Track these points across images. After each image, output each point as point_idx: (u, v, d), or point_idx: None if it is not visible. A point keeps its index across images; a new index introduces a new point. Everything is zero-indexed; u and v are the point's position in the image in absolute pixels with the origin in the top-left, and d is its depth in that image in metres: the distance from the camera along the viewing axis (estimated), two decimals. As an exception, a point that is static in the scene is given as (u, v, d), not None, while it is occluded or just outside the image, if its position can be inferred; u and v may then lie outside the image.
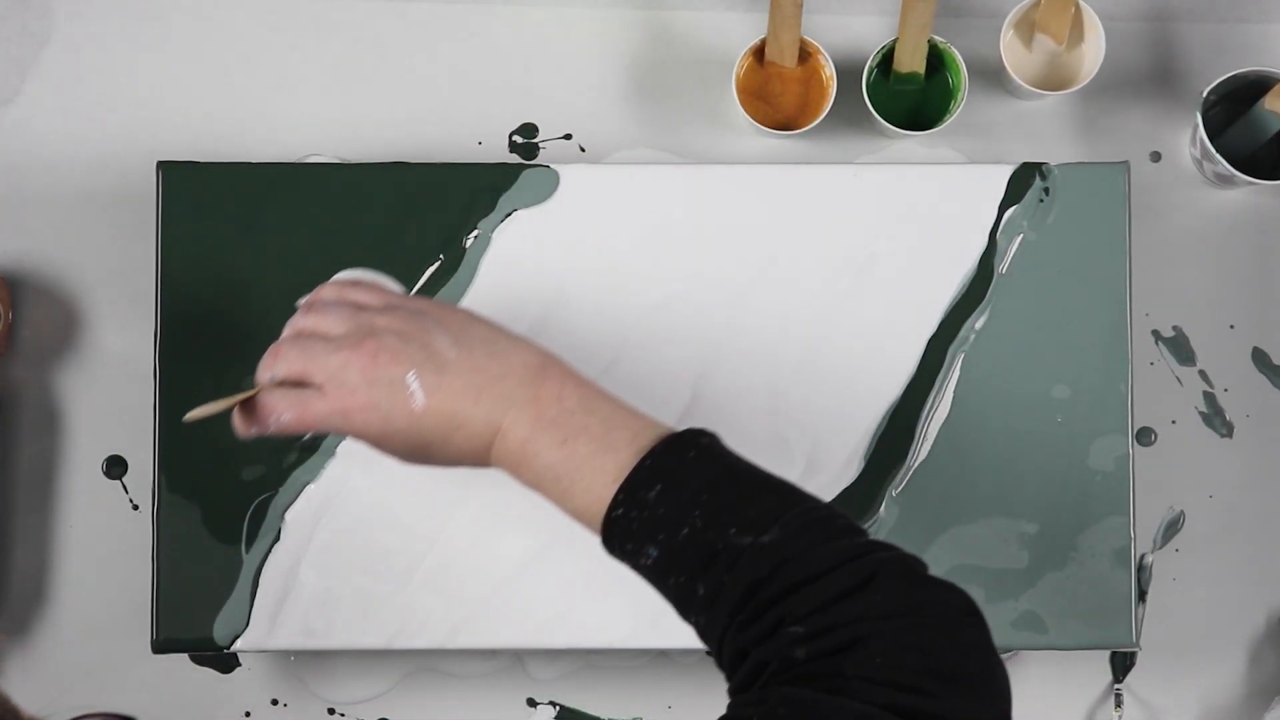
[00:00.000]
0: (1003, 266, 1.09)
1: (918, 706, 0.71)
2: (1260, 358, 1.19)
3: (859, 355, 1.09)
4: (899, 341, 1.09)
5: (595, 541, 0.83)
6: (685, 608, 0.80)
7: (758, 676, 0.75)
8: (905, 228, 1.09)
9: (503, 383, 0.84)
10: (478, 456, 0.84)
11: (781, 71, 1.15)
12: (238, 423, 0.86)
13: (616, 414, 0.84)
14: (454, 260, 1.09)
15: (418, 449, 0.84)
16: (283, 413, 0.83)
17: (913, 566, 0.77)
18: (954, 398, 1.08)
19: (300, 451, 1.08)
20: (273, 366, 0.85)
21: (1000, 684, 0.75)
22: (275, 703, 1.16)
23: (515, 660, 1.17)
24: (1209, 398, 1.18)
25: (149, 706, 1.16)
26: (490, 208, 1.09)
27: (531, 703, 1.17)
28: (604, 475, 0.81)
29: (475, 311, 0.89)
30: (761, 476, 0.82)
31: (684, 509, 0.79)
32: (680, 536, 0.78)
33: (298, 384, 0.84)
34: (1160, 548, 1.17)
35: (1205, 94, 1.13)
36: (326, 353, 0.84)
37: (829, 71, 1.14)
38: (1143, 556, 1.16)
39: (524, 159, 1.18)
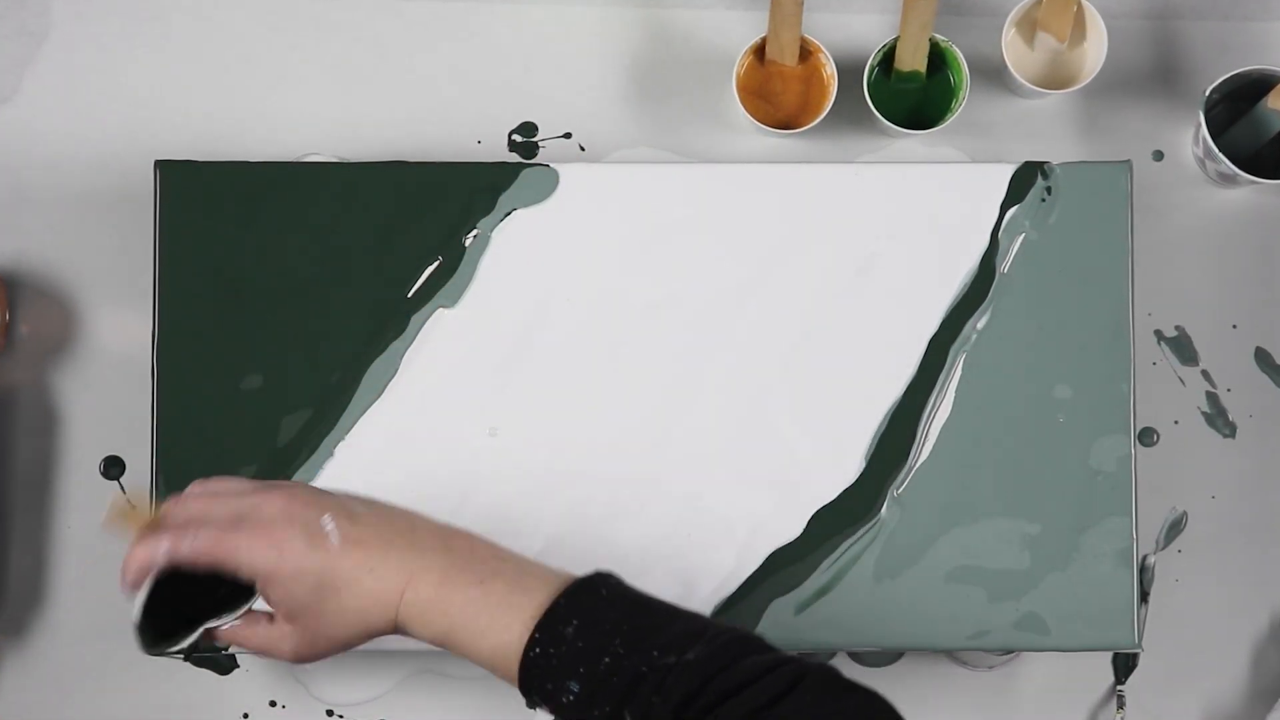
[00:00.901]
0: (1004, 266, 1.09)
1: None
2: (1263, 358, 1.18)
3: (860, 355, 1.08)
4: (900, 341, 1.08)
5: (596, 540, 0.83)
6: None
7: None
8: (906, 227, 1.09)
9: (414, 533, 0.85)
10: (385, 607, 0.84)
11: (782, 70, 1.14)
12: (127, 571, 0.84)
13: (526, 563, 0.85)
14: (453, 259, 1.09)
15: (328, 590, 0.83)
16: (197, 534, 0.83)
17: (834, 674, 0.80)
18: (955, 398, 1.08)
19: (298, 452, 1.08)
20: (177, 515, 0.85)
21: None
22: (274, 704, 1.16)
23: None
24: (1212, 398, 1.18)
25: (146, 708, 1.16)
26: (490, 207, 1.09)
27: (532, 704, 1.17)
28: (520, 613, 0.82)
29: None
30: (671, 607, 0.83)
31: (604, 639, 0.80)
32: (602, 666, 0.79)
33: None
34: (1163, 549, 1.17)
35: (1208, 93, 1.13)
36: (236, 497, 0.85)
37: (830, 70, 1.14)
38: (1145, 557, 1.16)
39: (523, 158, 1.18)
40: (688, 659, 0.78)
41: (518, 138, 1.19)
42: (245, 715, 1.16)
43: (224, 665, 1.16)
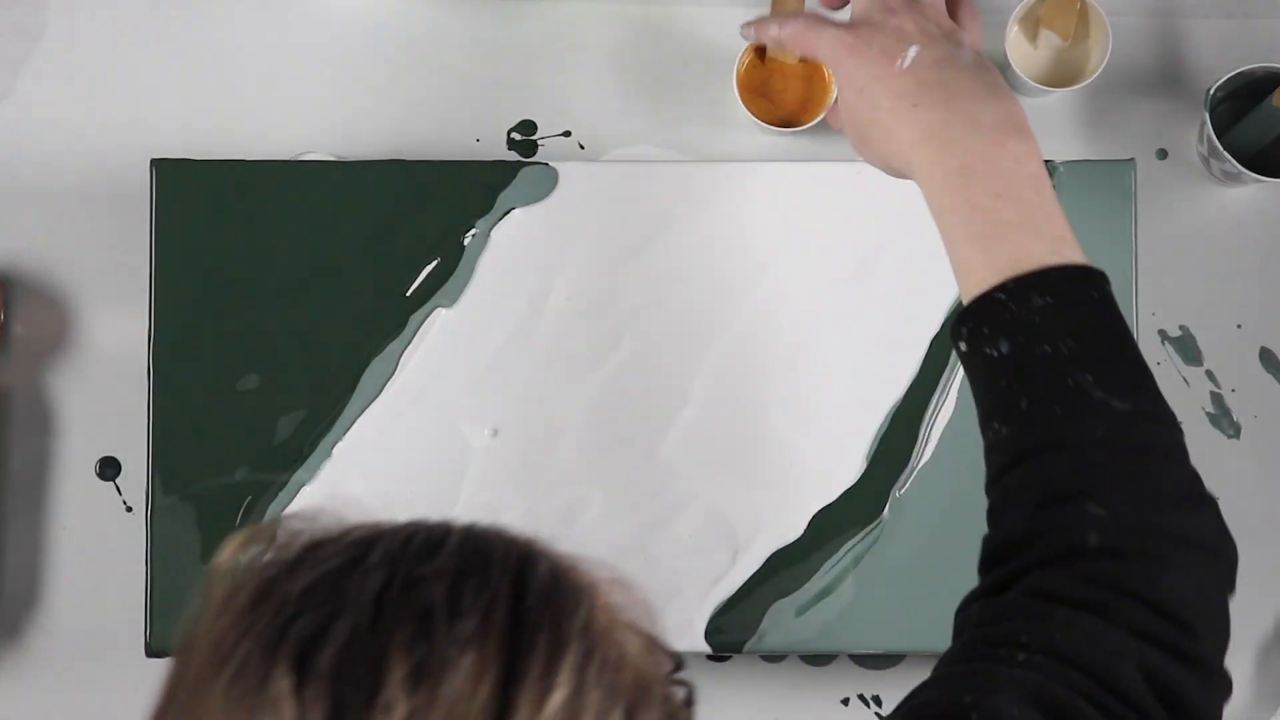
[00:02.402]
0: (1007, 265, 1.08)
1: (1176, 641, 0.71)
2: (1268, 358, 1.18)
3: (861, 354, 1.08)
4: (902, 341, 1.08)
5: (596, 540, 0.82)
6: (994, 413, 0.77)
7: (1030, 544, 0.73)
8: (908, 226, 1.09)
9: (981, 107, 0.81)
10: (905, 151, 0.82)
11: (783, 68, 1.14)
12: (754, 23, 0.93)
13: (1055, 210, 0.80)
14: (452, 258, 1.09)
15: (866, 103, 0.84)
16: (796, 21, 0.89)
17: (1220, 512, 0.77)
18: (958, 398, 1.08)
19: (296, 453, 1.07)
20: None
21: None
22: (271, 707, 1.15)
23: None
24: (1216, 398, 1.18)
25: (142, 711, 1.15)
26: (489, 205, 1.09)
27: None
28: (1009, 253, 0.78)
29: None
30: (1138, 353, 0.79)
31: (1059, 332, 0.75)
32: (1039, 351, 0.75)
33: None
34: (1167, 550, 1.16)
35: (1212, 90, 1.12)
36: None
37: None
38: (1149, 559, 1.15)
39: (523, 156, 1.18)
40: (1113, 405, 0.74)
41: (517, 136, 1.18)
42: (242, 718, 1.16)
43: (220, 668, 1.16)
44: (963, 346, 0.79)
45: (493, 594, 0.54)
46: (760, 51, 1.14)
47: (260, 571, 0.57)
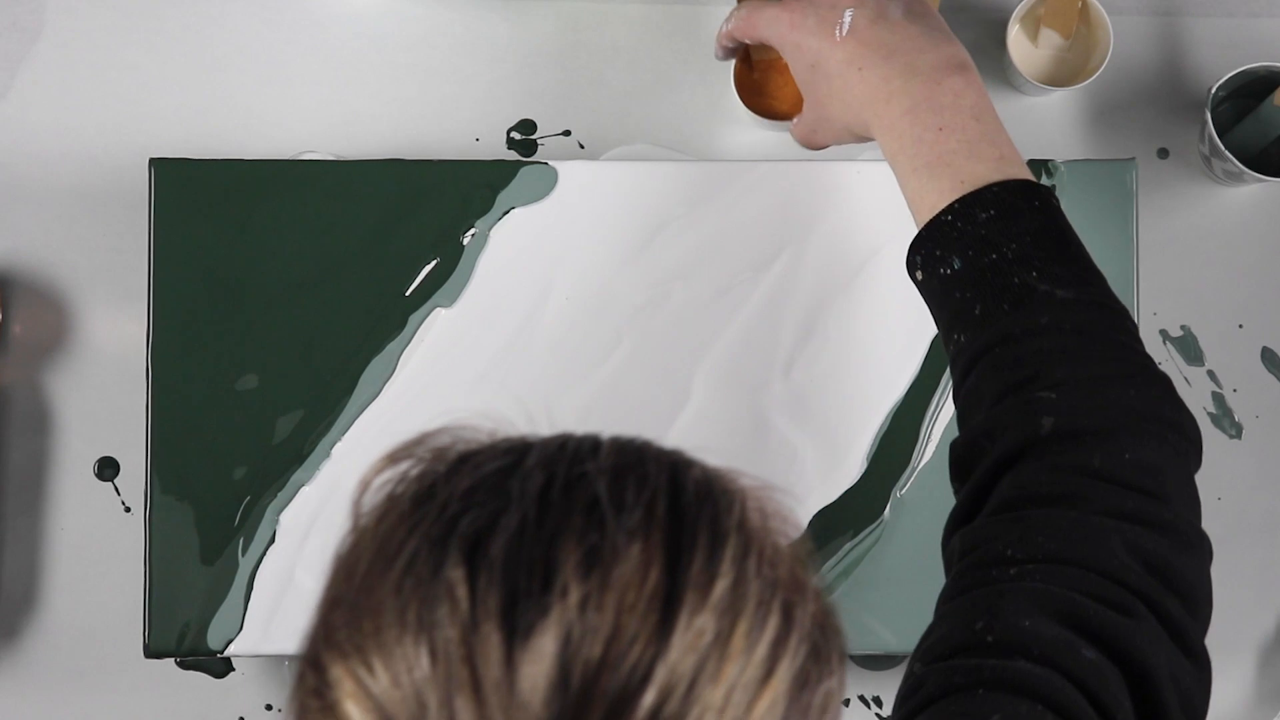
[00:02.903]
0: (1008, 265, 1.08)
1: (1151, 512, 0.74)
2: (1270, 358, 1.18)
3: (862, 354, 1.08)
4: (902, 340, 1.08)
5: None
6: (954, 326, 0.83)
7: (990, 440, 0.78)
8: (909, 226, 1.08)
9: (919, 56, 0.88)
10: (860, 111, 0.90)
11: (776, 63, 1.14)
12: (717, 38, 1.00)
13: (999, 134, 0.87)
14: (451, 258, 1.08)
15: (819, 74, 0.91)
16: (739, 11, 0.95)
17: (1175, 389, 0.80)
18: (959, 398, 1.08)
19: (295, 453, 1.07)
20: None
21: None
22: (269, 708, 1.16)
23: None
24: (1218, 398, 1.17)
25: (141, 712, 1.15)
26: (488, 205, 1.09)
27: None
28: (954, 176, 0.85)
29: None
30: (1086, 254, 0.84)
31: (1003, 239, 0.82)
32: (986, 260, 0.82)
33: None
34: (1168, 550, 1.16)
35: (1214, 90, 1.12)
36: None
37: None
38: (1150, 559, 1.15)
39: (522, 156, 1.17)
40: (1057, 295, 0.80)
41: (516, 135, 1.18)
42: (241, 719, 1.16)
43: (219, 669, 1.15)
44: (919, 275, 0.85)
45: (653, 490, 0.56)
46: (746, 59, 1.14)
47: (417, 479, 0.58)
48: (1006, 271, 0.81)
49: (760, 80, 1.14)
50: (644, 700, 0.52)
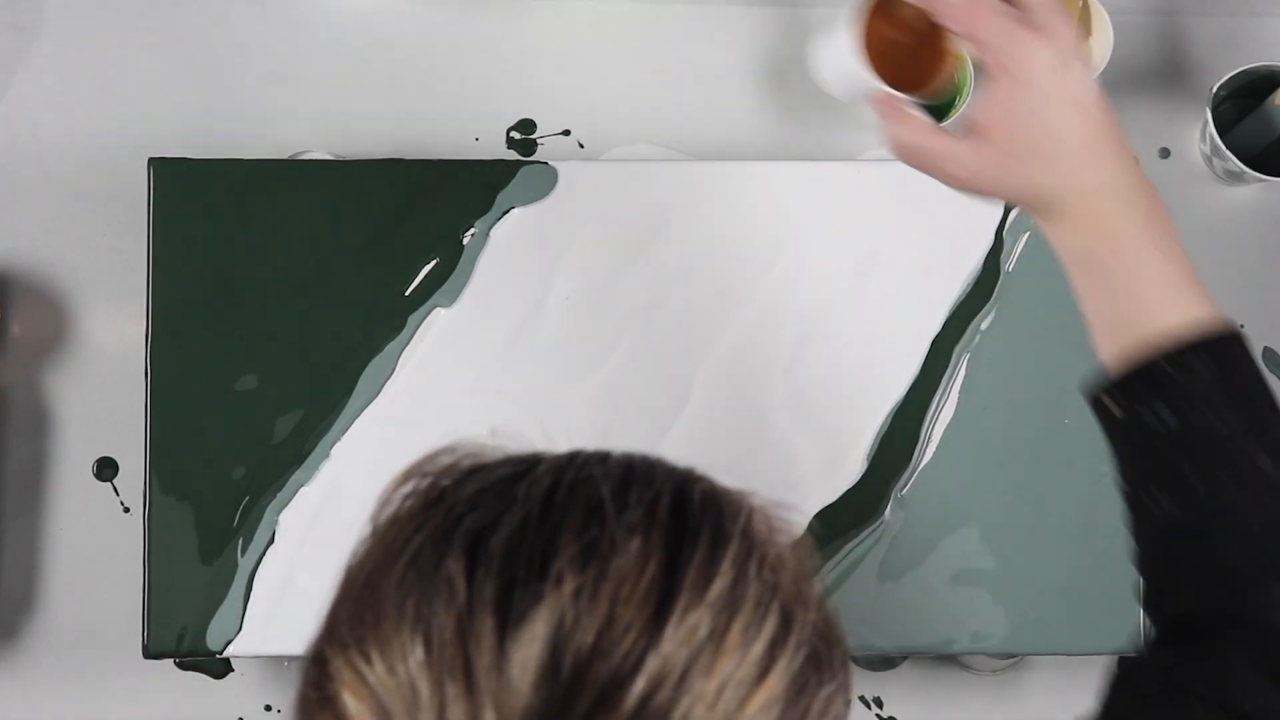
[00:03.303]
0: (1009, 265, 1.08)
1: None
2: (1271, 358, 1.17)
3: (862, 354, 1.08)
4: (903, 341, 1.08)
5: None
6: (1152, 478, 0.76)
7: (1212, 624, 0.73)
8: (909, 225, 1.08)
9: (1133, 160, 0.79)
10: (1069, 188, 0.78)
11: (938, 41, 0.96)
12: None
13: (1191, 271, 0.78)
14: (451, 258, 1.08)
15: (1037, 121, 0.77)
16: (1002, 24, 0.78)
17: None
18: (959, 398, 1.08)
19: (294, 453, 1.07)
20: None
21: None
22: (269, 709, 1.15)
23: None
24: (1218, 398, 1.17)
25: (140, 713, 1.15)
26: (488, 205, 1.08)
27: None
28: (1175, 314, 0.75)
29: None
30: None
31: (1225, 402, 0.74)
32: (1204, 422, 0.74)
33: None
34: (1169, 551, 1.16)
35: (1215, 89, 1.12)
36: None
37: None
38: (1151, 559, 1.15)
39: (522, 155, 1.17)
40: None
41: (516, 135, 1.18)
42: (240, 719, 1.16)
43: (218, 669, 1.15)
44: (1116, 412, 0.77)
45: (656, 493, 0.57)
46: (883, 13, 0.99)
47: (429, 487, 0.60)
48: (1228, 444, 0.74)
49: (896, 46, 0.98)
50: (634, 688, 0.52)
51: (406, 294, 1.08)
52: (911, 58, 0.97)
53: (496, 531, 0.55)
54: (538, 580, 0.54)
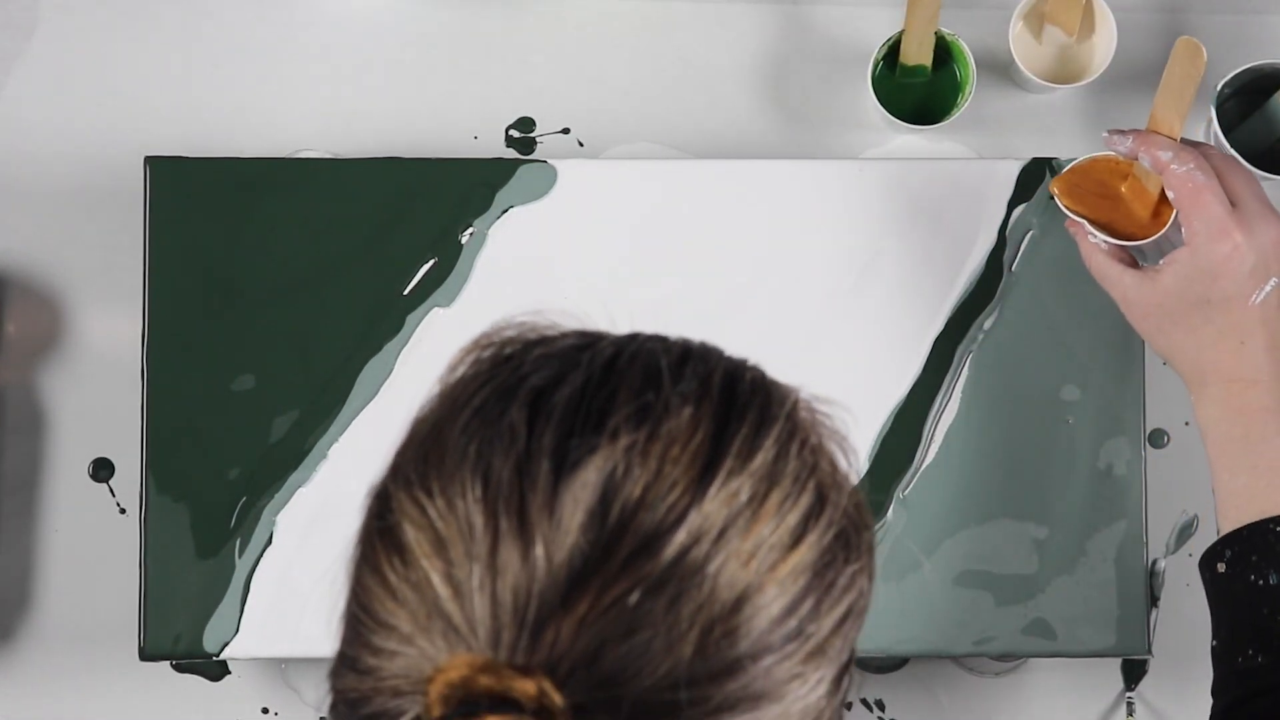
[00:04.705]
0: (1012, 264, 1.08)
1: None
2: (1275, 357, 1.17)
3: (864, 354, 1.07)
4: (905, 341, 1.08)
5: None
6: (1251, 640, 0.85)
7: None
8: (911, 224, 1.08)
9: None
10: (1209, 368, 0.91)
11: (1147, 193, 1.00)
12: (1137, 137, 0.97)
13: None
14: (449, 258, 1.08)
15: (1196, 297, 0.91)
16: (1193, 161, 0.93)
17: None
18: (962, 398, 1.07)
19: (291, 454, 1.07)
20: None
21: None
22: (266, 711, 1.15)
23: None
24: (1223, 398, 1.17)
25: (136, 716, 1.15)
26: (486, 204, 1.08)
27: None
28: None
29: None
30: None
31: None
32: None
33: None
34: (1173, 552, 1.15)
35: (1220, 87, 1.12)
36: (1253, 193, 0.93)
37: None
38: (1155, 561, 1.14)
39: (521, 154, 1.17)
40: None
41: (515, 133, 1.18)
42: (237, 722, 1.15)
43: (215, 672, 1.15)
44: (1221, 568, 0.87)
45: (710, 370, 0.62)
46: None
47: (496, 352, 0.64)
48: None
49: (1114, 195, 1.01)
50: (674, 539, 0.56)
51: (405, 293, 1.08)
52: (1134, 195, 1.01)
53: (559, 389, 0.59)
54: (594, 433, 0.57)
